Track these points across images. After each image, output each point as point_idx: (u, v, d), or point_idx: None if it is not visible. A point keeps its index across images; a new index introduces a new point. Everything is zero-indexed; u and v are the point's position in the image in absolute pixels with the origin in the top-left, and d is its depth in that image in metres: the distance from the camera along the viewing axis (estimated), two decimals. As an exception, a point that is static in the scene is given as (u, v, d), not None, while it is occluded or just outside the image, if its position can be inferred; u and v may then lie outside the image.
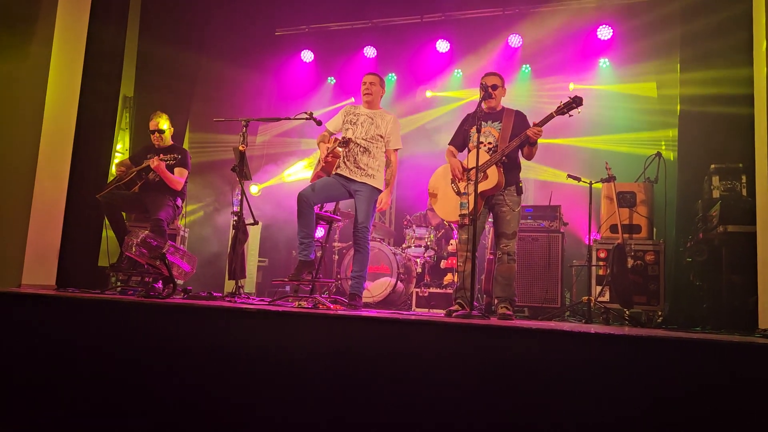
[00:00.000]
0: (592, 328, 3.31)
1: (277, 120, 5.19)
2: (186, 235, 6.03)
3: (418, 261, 6.30)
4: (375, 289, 5.92)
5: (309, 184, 4.40)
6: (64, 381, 3.06)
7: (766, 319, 3.69)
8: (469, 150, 4.09)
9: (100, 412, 2.95)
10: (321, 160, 4.46)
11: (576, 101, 3.98)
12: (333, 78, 8.63)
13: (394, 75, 8.32)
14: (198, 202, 7.53)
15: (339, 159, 4.36)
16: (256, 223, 4.44)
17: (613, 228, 5.25)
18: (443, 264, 6.37)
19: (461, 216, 4.03)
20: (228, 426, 2.75)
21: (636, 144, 6.76)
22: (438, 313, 4.87)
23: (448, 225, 6.46)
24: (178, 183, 5.06)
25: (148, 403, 2.90)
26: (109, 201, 4.87)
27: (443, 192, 4.34)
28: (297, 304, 3.96)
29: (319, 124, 4.39)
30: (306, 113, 4.33)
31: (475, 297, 4.10)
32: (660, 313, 5.06)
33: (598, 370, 2.33)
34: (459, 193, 4.20)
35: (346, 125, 4.47)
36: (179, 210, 5.26)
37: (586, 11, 7.13)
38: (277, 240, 7.79)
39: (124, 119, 7.02)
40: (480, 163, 3.87)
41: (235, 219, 4.34)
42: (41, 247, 4.84)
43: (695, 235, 4.97)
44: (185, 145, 6.95)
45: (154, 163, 4.92)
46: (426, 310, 5.88)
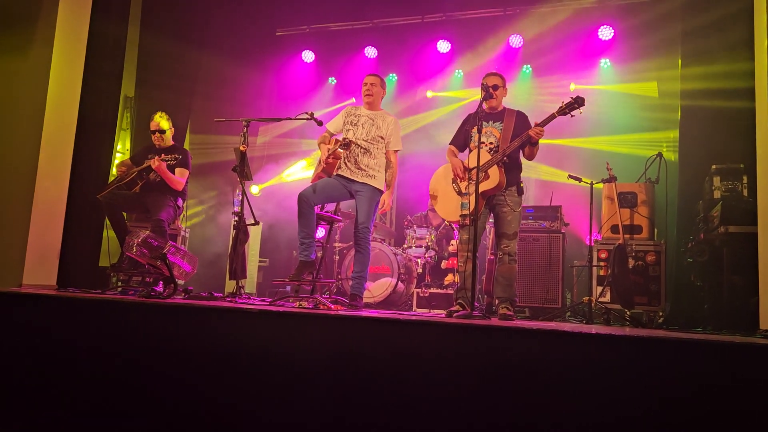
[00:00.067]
0: (593, 328, 3.31)
1: (278, 120, 5.18)
2: (187, 236, 6.03)
3: (418, 261, 6.30)
4: (376, 290, 5.92)
5: (309, 184, 4.40)
6: (64, 381, 3.06)
7: (767, 320, 3.69)
8: (470, 150, 4.08)
9: (100, 412, 2.95)
10: (322, 161, 4.46)
11: (578, 101, 3.98)
12: (334, 78, 8.63)
13: (394, 75, 8.32)
14: (199, 202, 7.54)
15: (340, 160, 4.36)
16: (257, 224, 4.44)
17: (614, 228, 5.25)
18: (444, 264, 6.37)
19: (462, 216, 4.03)
20: (228, 426, 2.75)
21: (637, 145, 6.75)
22: (439, 314, 4.87)
23: (448, 225, 6.46)
24: (179, 183, 5.06)
25: (148, 404, 2.90)
26: (110, 201, 4.87)
27: (444, 192, 4.34)
28: (298, 304, 3.96)
29: (320, 124, 4.40)
30: (307, 113, 4.33)
31: (476, 297, 4.09)
32: (661, 314, 5.05)
33: (599, 370, 2.33)
34: (460, 193, 4.19)
35: (347, 126, 4.47)
36: (180, 210, 5.27)
37: (587, 11, 7.12)
38: (278, 240, 7.79)
39: (125, 119, 7.03)
40: (481, 163, 3.87)
41: (236, 219, 4.34)
42: (42, 247, 4.84)
43: (696, 236, 4.96)
44: (186, 146, 6.96)
45: (155, 164, 4.92)
46: (427, 310, 5.89)
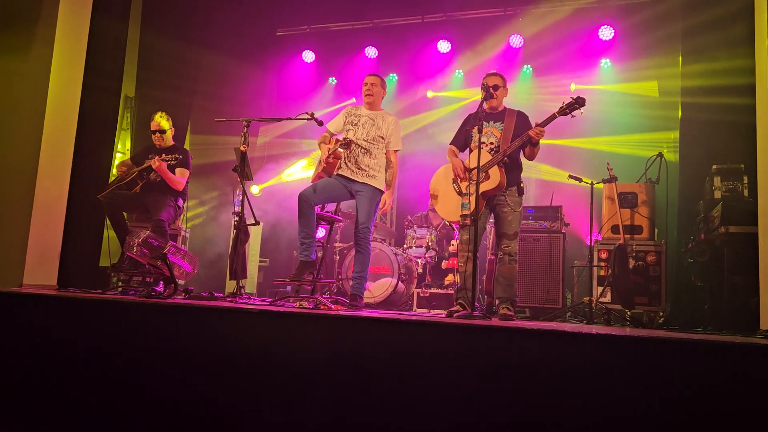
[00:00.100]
0: (593, 328, 3.31)
1: (278, 120, 5.18)
2: (187, 236, 6.04)
3: (419, 261, 6.30)
4: (376, 290, 5.92)
5: (310, 184, 4.40)
6: (64, 381, 3.06)
7: (767, 320, 3.69)
8: (471, 150, 4.08)
9: (100, 412, 2.95)
10: (322, 160, 4.46)
11: (579, 102, 3.97)
12: (334, 78, 8.63)
13: (395, 75, 8.32)
14: (200, 203, 7.54)
15: (340, 160, 4.36)
16: (257, 224, 4.44)
17: (615, 229, 5.25)
18: (444, 264, 6.37)
19: (462, 216, 4.02)
20: (228, 426, 2.75)
21: (638, 145, 6.75)
22: (439, 314, 4.87)
23: (449, 225, 6.46)
24: (179, 183, 5.06)
25: (148, 404, 2.90)
26: (111, 201, 4.87)
27: (444, 192, 4.33)
28: (298, 304, 3.96)
29: (320, 124, 4.40)
30: (307, 114, 4.33)
31: (477, 297, 4.09)
32: (661, 314, 5.05)
33: (599, 370, 2.33)
34: (460, 194, 4.19)
35: (347, 126, 4.47)
36: (180, 210, 5.27)
37: (587, 11, 7.12)
38: (279, 240, 7.79)
39: (125, 119, 7.03)
40: (482, 164, 3.87)
41: (237, 219, 4.34)
42: (42, 247, 4.84)
43: (697, 236, 4.96)
44: (186, 146, 6.96)
45: (155, 164, 4.92)
46: (427, 310, 5.89)
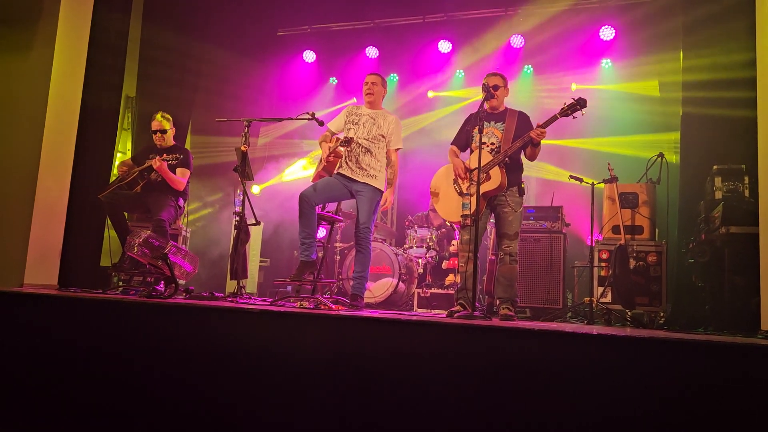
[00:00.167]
0: (594, 329, 3.30)
1: (279, 120, 5.19)
2: (188, 236, 6.04)
3: (419, 261, 6.30)
4: (377, 290, 5.92)
5: (310, 183, 4.40)
6: (65, 381, 3.06)
7: (768, 321, 3.69)
8: (472, 150, 4.08)
9: (100, 412, 2.96)
10: (323, 159, 4.46)
11: (580, 103, 3.96)
12: (335, 78, 8.63)
13: (395, 75, 8.31)
14: (202, 205, 7.55)
15: (341, 159, 4.36)
16: (258, 224, 4.44)
17: (615, 229, 5.25)
18: (445, 264, 6.37)
19: (463, 216, 4.02)
20: (229, 426, 2.75)
21: (638, 146, 6.74)
22: (439, 314, 4.87)
23: (449, 225, 6.46)
24: (180, 183, 5.06)
25: (148, 404, 2.90)
26: (111, 201, 4.87)
27: (445, 192, 4.33)
28: (299, 304, 3.96)
29: (321, 124, 4.40)
30: (308, 114, 4.33)
31: (477, 298, 4.09)
32: (662, 315, 5.05)
33: (600, 371, 2.33)
34: (461, 194, 4.18)
35: (348, 125, 4.47)
36: (181, 210, 5.26)
37: (588, 11, 7.12)
38: (279, 240, 7.79)
39: (126, 119, 7.03)
40: (483, 164, 3.87)
41: (237, 219, 4.34)
42: (43, 247, 4.84)
43: (697, 236, 4.95)
44: (187, 146, 6.96)
45: (156, 164, 4.92)
46: (427, 310, 5.89)
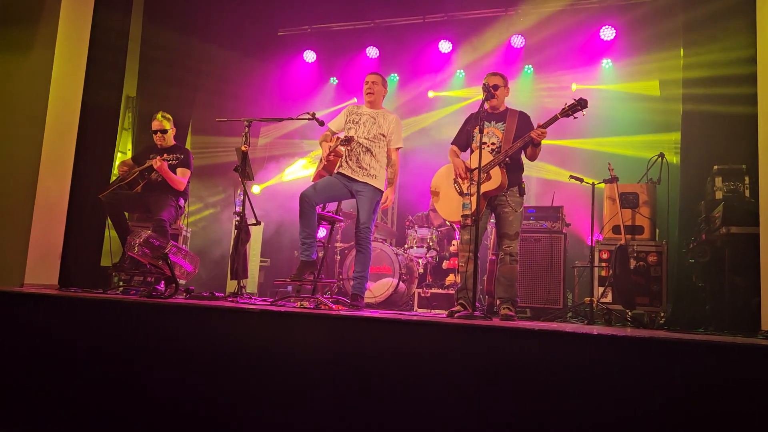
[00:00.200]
0: (594, 329, 3.30)
1: (280, 120, 5.19)
2: (188, 235, 6.04)
3: (420, 261, 6.30)
4: (377, 290, 5.92)
5: (311, 183, 4.40)
6: (65, 381, 3.06)
7: (768, 321, 3.69)
8: (472, 150, 4.07)
9: (100, 412, 2.96)
10: (323, 158, 4.46)
11: (581, 103, 3.96)
12: (335, 78, 8.64)
13: (396, 75, 8.32)
14: (204, 206, 7.55)
15: (341, 158, 4.36)
16: (258, 223, 4.44)
17: (616, 229, 5.25)
18: (445, 264, 6.37)
19: (463, 216, 4.02)
20: (229, 426, 2.75)
21: (639, 146, 6.74)
22: (440, 314, 4.87)
23: (450, 225, 6.46)
24: (180, 183, 5.06)
25: (149, 403, 2.90)
26: (112, 201, 4.87)
27: (445, 192, 4.33)
28: (299, 304, 3.96)
29: (322, 124, 4.40)
30: (308, 113, 4.33)
31: (477, 298, 4.09)
32: (662, 315, 5.05)
33: (600, 371, 2.33)
34: (461, 194, 4.18)
35: (348, 125, 4.47)
36: (182, 210, 5.27)
37: (588, 11, 7.12)
38: (280, 240, 7.80)
39: (126, 119, 7.03)
40: (483, 164, 3.86)
41: (238, 219, 4.34)
42: (44, 247, 4.84)
43: (698, 237, 4.95)
44: (188, 146, 6.96)
45: (156, 163, 4.92)
46: (428, 310, 5.89)
